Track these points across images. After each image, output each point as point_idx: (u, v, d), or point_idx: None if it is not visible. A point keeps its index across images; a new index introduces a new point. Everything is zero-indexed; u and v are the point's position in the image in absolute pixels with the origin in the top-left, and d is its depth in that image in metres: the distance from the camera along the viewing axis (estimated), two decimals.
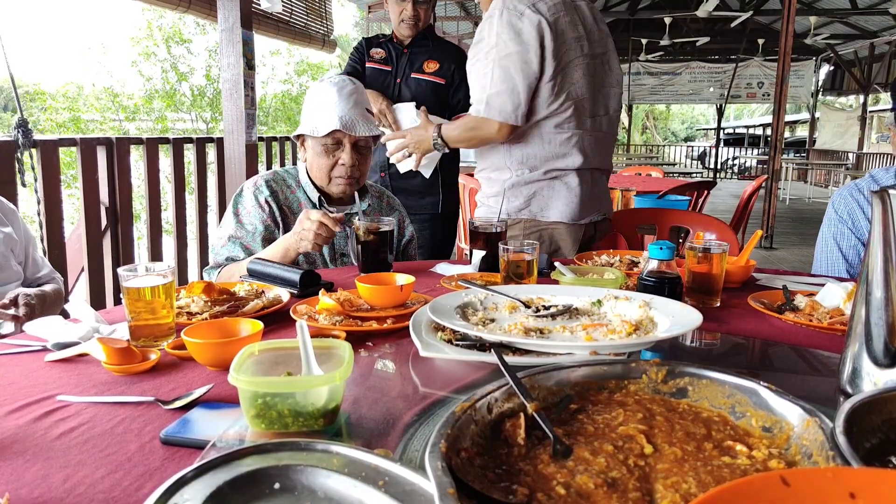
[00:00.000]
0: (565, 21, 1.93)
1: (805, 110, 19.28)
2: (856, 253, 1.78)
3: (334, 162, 1.83)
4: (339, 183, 1.86)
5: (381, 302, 1.26)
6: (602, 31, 2.08)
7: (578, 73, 1.98)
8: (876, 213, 0.79)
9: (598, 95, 2.05)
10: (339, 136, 1.81)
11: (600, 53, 2.06)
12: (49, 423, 0.80)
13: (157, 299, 1.09)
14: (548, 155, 2.00)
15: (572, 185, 2.01)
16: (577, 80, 1.98)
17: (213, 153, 3.64)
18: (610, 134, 2.13)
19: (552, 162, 2.00)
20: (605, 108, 2.08)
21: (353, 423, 0.78)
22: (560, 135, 1.98)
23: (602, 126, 2.08)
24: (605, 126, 2.10)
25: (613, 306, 1.14)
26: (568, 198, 2.01)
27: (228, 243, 1.80)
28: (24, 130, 2.47)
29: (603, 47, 2.07)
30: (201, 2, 4.14)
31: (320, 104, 1.83)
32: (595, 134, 2.05)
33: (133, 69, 13.99)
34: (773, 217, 7.30)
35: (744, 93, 14.48)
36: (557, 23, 1.90)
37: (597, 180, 2.09)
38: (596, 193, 2.08)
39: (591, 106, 2.02)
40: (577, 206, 2.01)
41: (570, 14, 1.96)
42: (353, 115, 1.81)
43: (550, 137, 1.98)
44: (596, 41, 2.04)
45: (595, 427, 0.68)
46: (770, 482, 0.42)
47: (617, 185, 3.81)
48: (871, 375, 0.82)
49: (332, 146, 1.82)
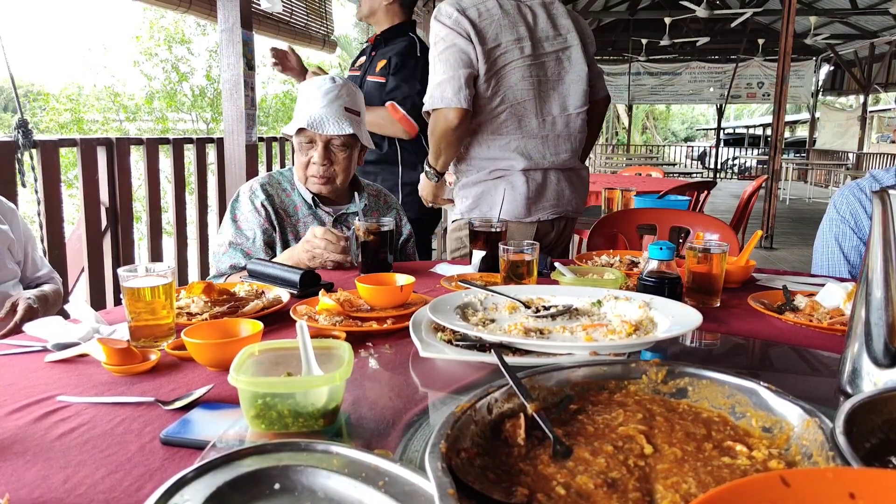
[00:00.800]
0: (501, 24, 1.98)
1: (805, 110, 19.28)
2: (857, 254, 1.77)
3: (308, 160, 1.84)
4: (313, 182, 1.86)
5: (381, 302, 1.26)
6: (560, 28, 2.08)
7: (516, 77, 2.01)
8: (876, 214, 0.79)
9: (549, 95, 2.07)
10: (310, 135, 1.82)
11: (554, 51, 2.07)
12: (49, 424, 0.80)
13: (157, 300, 1.09)
14: (490, 157, 2.07)
15: (517, 184, 2.06)
16: (515, 83, 2.02)
17: (214, 153, 3.64)
18: (569, 132, 2.11)
19: (495, 163, 2.07)
20: (561, 106, 2.09)
21: (353, 424, 0.78)
22: (498, 140, 2.05)
23: (556, 126, 2.09)
24: (562, 125, 2.10)
25: (613, 306, 1.14)
26: (512, 196, 2.06)
27: (230, 250, 1.79)
28: (25, 131, 2.47)
29: (560, 45, 2.08)
30: (201, 2, 4.14)
31: (301, 101, 1.86)
32: (545, 135, 2.08)
33: (135, 69, 14.01)
34: (773, 217, 7.30)
35: (744, 93, 14.48)
36: (487, 26, 1.97)
37: (550, 180, 2.11)
38: (547, 192, 2.11)
39: (538, 107, 2.05)
40: (522, 205, 2.06)
41: (510, 16, 2.00)
42: (325, 114, 1.79)
43: (489, 143, 2.06)
44: (547, 39, 2.05)
45: (595, 427, 0.68)
46: (770, 482, 0.42)
47: (617, 185, 3.81)
48: (871, 375, 0.82)
49: (306, 144, 1.83)
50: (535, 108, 2.05)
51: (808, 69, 14.15)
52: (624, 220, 2.51)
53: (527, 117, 2.05)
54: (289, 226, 1.87)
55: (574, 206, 2.20)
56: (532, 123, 2.06)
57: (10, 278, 1.77)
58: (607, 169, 15.85)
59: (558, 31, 2.08)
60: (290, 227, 1.87)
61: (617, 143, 20.75)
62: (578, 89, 2.10)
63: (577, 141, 2.14)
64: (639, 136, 24.20)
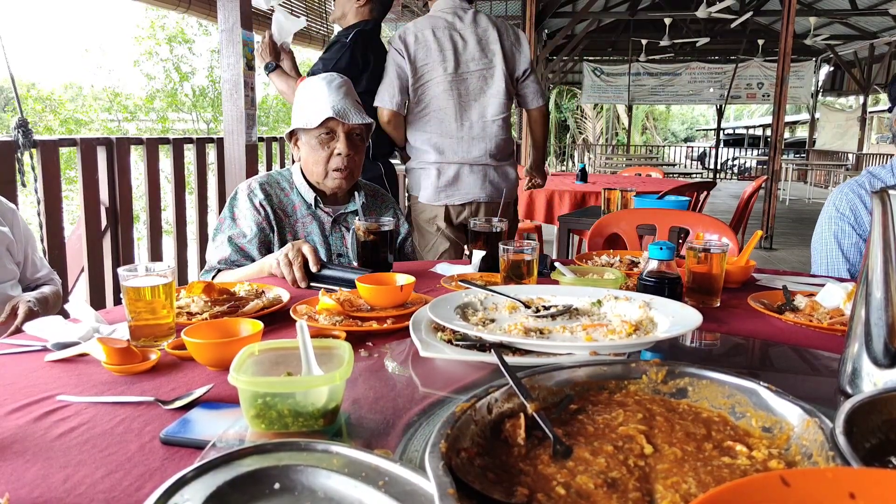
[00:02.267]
0: (430, 48, 2.57)
1: (805, 111, 19.28)
2: (857, 251, 1.76)
3: (330, 153, 1.83)
4: (335, 176, 1.85)
5: (381, 302, 1.26)
6: (488, 52, 2.63)
7: (439, 89, 2.60)
8: (876, 214, 0.79)
9: (470, 105, 2.64)
10: (332, 126, 1.81)
11: (479, 70, 2.63)
12: (49, 423, 0.80)
13: (157, 299, 1.09)
14: (417, 147, 2.68)
15: (431, 175, 2.66)
16: (438, 94, 2.60)
17: (214, 153, 3.64)
18: (485, 135, 2.65)
19: (421, 153, 2.68)
20: (480, 114, 2.65)
21: (353, 423, 0.78)
22: (422, 135, 2.65)
23: (473, 129, 2.65)
24: (479, 129, 2.65)
25: (613, 306, 1.14)
26: (426, 184, 2.67)
27: (225, 244, 1.79)
28: (24, 131, 2.47)
29: (485, 65, 2.64)
30: (201, 2, 4.14)
31: (310, 98, 1.84)
32: (461, 136, 2.64)
33: (136, 69, 14.01)
34: (772, 217, 7.30)
35: (744, 93, 14.46)
36: (419, 49, 2.58)
37: (464, 172, 2.66)
38: (459, 183, 2.67)
39: (458, 113, 2.62)
40: (432, 191, 2.66)
41: (440, 42, 2.58)
42: (345, 105, 1.82)
43: (417, 137, 2.67)
44: (473, 60, 2.62)
45: (595, 427, 0.68)
46: (770, 482, 0.42)
47: (617, 185, 3.81)
48: (871, 376, 0.82)
49: (327, 137, 1.82)
50: (455, 114, 2.62)
51: (807, 70, 14.13)
52: (624, 220, 2.51)
53: (446, 121, 2.62)
54: (287, 226, 1.86)
55: (487, 193, 2.70)
56: (451, 126, 2.62)
57: (8, 279, 1.77)
58: (607, 169, 15.85)
59: (485, 54, 2.63)
60: (289, 227, 1.87)
61: (617, 143, 20.75)
62: (497, 101, 2.65)
63: (492, 142, 2.67)
64: (639, 137, 24.19)
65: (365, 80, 2.70)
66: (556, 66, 15.26)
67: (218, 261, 1.78)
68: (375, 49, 2.80)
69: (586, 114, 21.91)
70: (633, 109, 19.75)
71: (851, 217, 1.76)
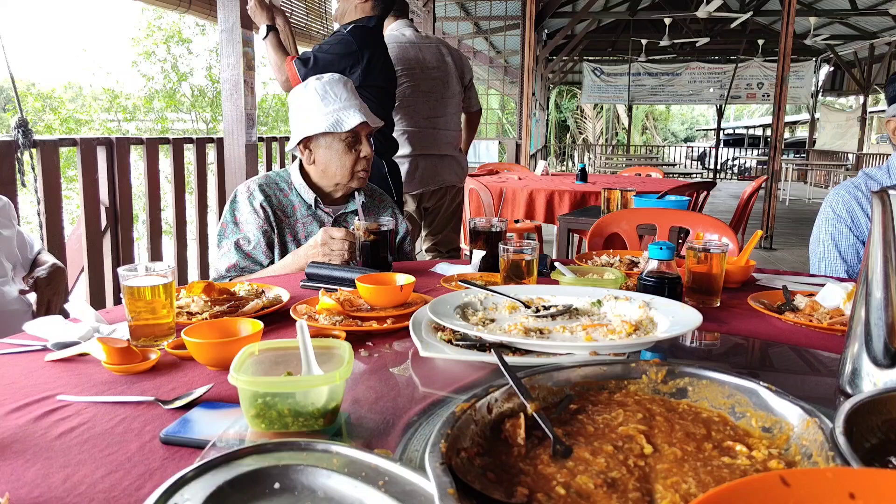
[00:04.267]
0: (402, 58, 3.11)
1: (805, 111, 19.27)
2: (854, 253, 1.76)
3: (356, 156, 1.85)
4: (361, 176, 1.89)
5: (381, 302, 1.26)
6: (443, 64, 3.27)
7: (409, 91, 3.15)
8: (876, 214, 0.79)
9: (435, 105, 3.24)
10: (358, 129, 1.83)
11: (440, 77, 3.25)
12: (49, 423, 0.80)
13: (157, 299, 1.09)
14: (399, 140, 3.12)
15: (406, 165, 3.18)
16: (408, 95, 3.16)
17: (213, 153, 3.64)
18: (448, 130, 3.32)
19: (400, 149, 3.10)
20: (442, 113, 3.28)
21: (353, 423, 0.78)
22: (398, 130, 3.15)
23: (439, 125, 3.26)
24: (443, 125, 3.28)
25: (613, 306, 1.14)
26: (403, 172, 3.12)
27: (232, 251, 1.79)
28: (24, 130, 2.47)
29: (443, 73, 3.27)
30: (201, 2, 4.13)
31: (328, 101, 1.81)
32: (429, 131, 3.25)
33: (133, 69, 14.00)
34: (772, 217, 7.30)
35: (744, 93, 14.47)
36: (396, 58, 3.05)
37: (430, 163, 3.26)
38: (425, 172, 3.25)
39: (427, 112, 3.22)
40: (408, 181, 3.19)
41: (409, 53, 3.15)
42: (365, 107, 1.87)
43: (397, 131, 3.14)
44: (435, 69, 3.23)
45: (595, 427, 0.68)
46: (770, 482, 0.42)
47: (617, 185, 3.82)
48: (871, 376, 0.82)
49: (353, 140, 1.84)
50: (424, 112, 3.21)
51: (807, 70, 14.13)
52: (624, 220, 2.51)
53: (414, 117, 3.20)
54: (287, 227, 1.86)
55: (448, 180, 3.35)
56: (422, 123, 3.22)
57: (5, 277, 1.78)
58: (607, 169, 15.86)
59: (442, 65, 3.27)
60: (289, 229, 1.86)
61: (617, 143, 20.76)
62: (455, 103, 3.36)
63: (452, 137, 3.35)
64: (639, 137, 24.20)
65: (359, 73, 2.69)
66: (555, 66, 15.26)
67: (227, 268, 1.78)
68: (374, 46, 2.79)
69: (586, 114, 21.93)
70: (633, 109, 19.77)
71: (848, 219, 1.76)
